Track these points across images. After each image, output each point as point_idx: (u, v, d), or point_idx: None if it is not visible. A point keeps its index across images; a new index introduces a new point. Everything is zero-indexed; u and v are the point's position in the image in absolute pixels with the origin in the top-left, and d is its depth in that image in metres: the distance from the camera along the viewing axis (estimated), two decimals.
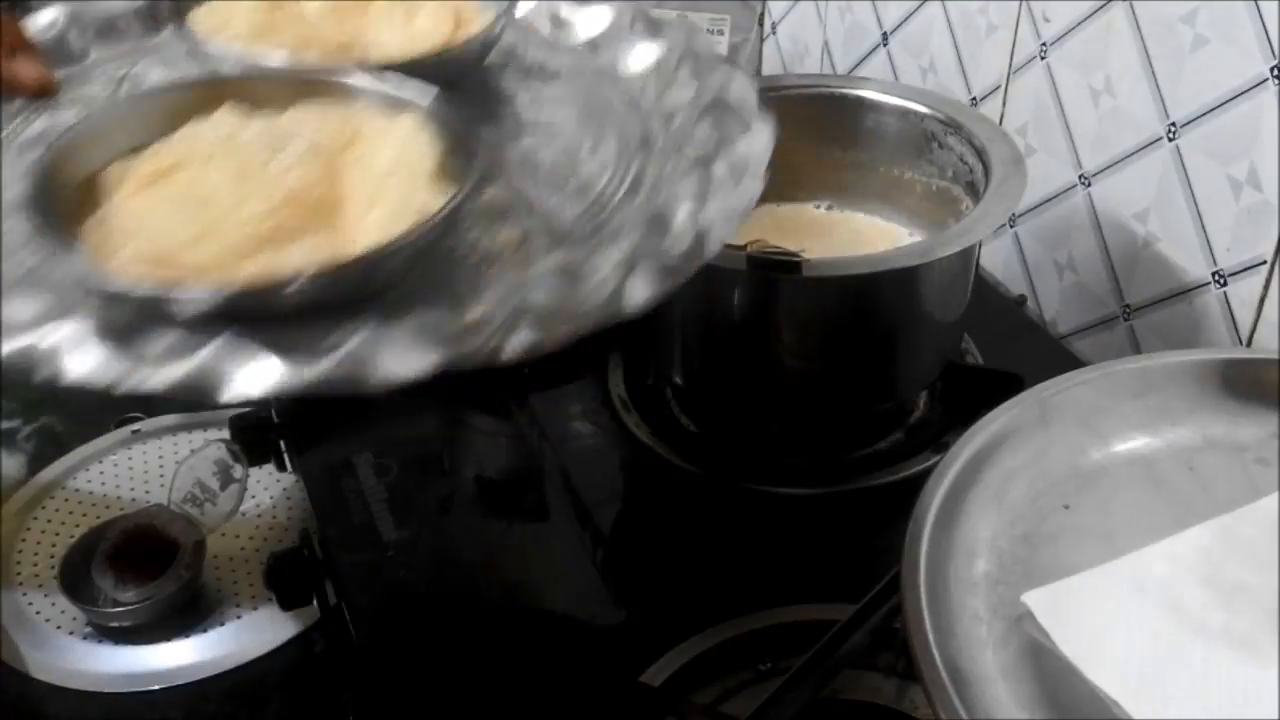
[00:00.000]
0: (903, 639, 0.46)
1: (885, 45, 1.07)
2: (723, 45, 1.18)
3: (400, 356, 0.43)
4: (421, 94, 0.54)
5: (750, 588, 0.65)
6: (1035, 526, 0.51)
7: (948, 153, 0.79)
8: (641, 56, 0.65)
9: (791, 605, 0.62)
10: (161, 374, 0.41)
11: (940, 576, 0.47)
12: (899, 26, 1.04)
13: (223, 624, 0.96)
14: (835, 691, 0.58)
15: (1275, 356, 0.57)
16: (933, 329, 0.73)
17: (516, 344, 0.44)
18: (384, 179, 0.49)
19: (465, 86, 0.60)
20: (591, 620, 0.66)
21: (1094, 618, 0.46)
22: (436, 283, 0.47)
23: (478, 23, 0.63)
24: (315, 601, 0.81)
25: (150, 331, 0.42)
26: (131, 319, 0.43)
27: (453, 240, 0.49)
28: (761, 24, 1.24)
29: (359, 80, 0.54)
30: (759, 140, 0.56)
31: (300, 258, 0.45)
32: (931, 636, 0.44)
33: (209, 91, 0.53)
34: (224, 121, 0.52)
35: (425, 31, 0.61)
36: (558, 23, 0.70)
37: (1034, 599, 0.47)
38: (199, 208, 0.47)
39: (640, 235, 0.50)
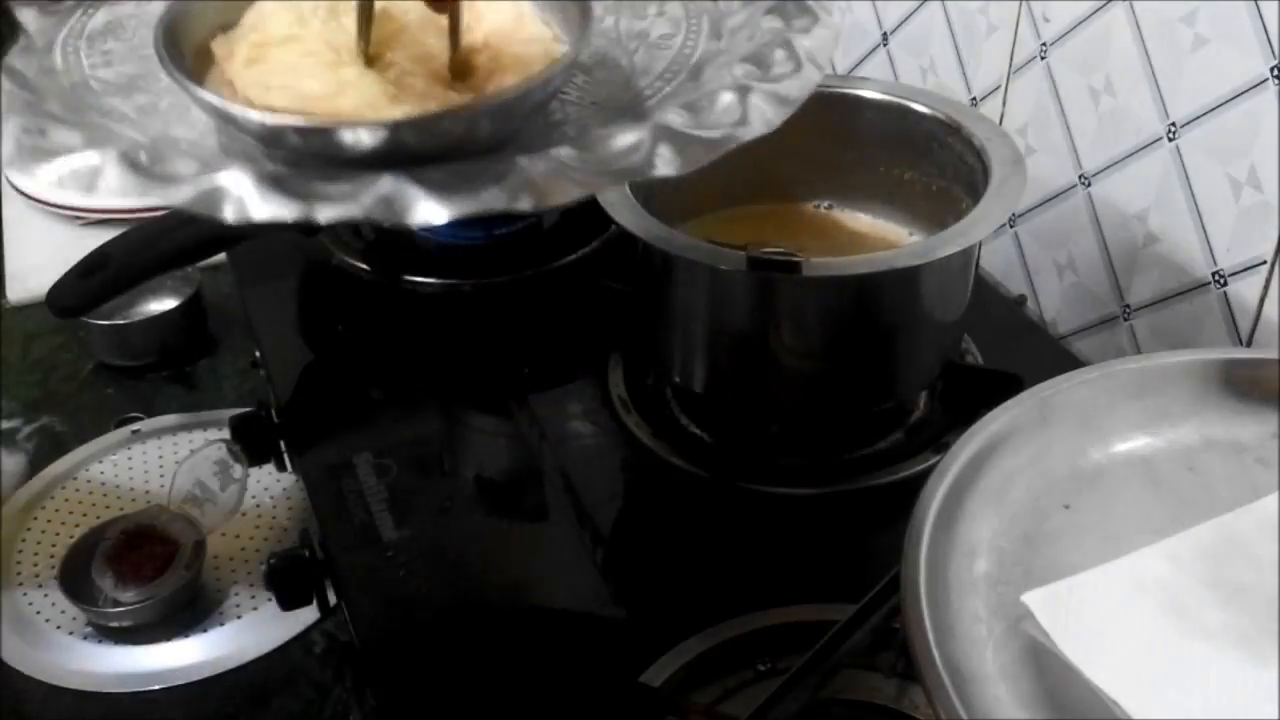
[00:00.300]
0: (903, 639, 0.46)
1: (885, 45, 1.07)
2: None
3: (565, 179, 0.44)
4: None
5: (750, 588, 0.65)
6: (1035, 526, 0.51)
7: (948, 153, 0.79)
8: None
9: (791, 605, 0.62)
10: (347, 207, 0.42)
11: (940, 576, 0.47)
12: (899, 26, 1.04)
13: (223, 624, 0.96)
14: (835, 691, 0.58)
15: (1275, 356, 0.57)
16: (933, 329, 0.73)
17: (665, 160, 0.45)
18: (496, 36, 0.51)
19: None
20: (591, 620, 0.66)
21: (1094, 618, 0.46)
22: (562, 124, 0.49)
23: None
24: (315, 601, 0.81)
25: (310, 178, 0.43)
26: (288, 167, 0.44)
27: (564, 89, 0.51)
28: None
29: None
30: None
31: (437, 106, 0.46)
32: (931, 636, 0.44)
33: None
34: None
35: None
36: None
37: (1034, 599, 0.47)
38: (326, 68, 0.48)
39: (744, 72, 0.51)
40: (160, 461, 1.12)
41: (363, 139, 0.43)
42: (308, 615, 0.90)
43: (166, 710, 0.91)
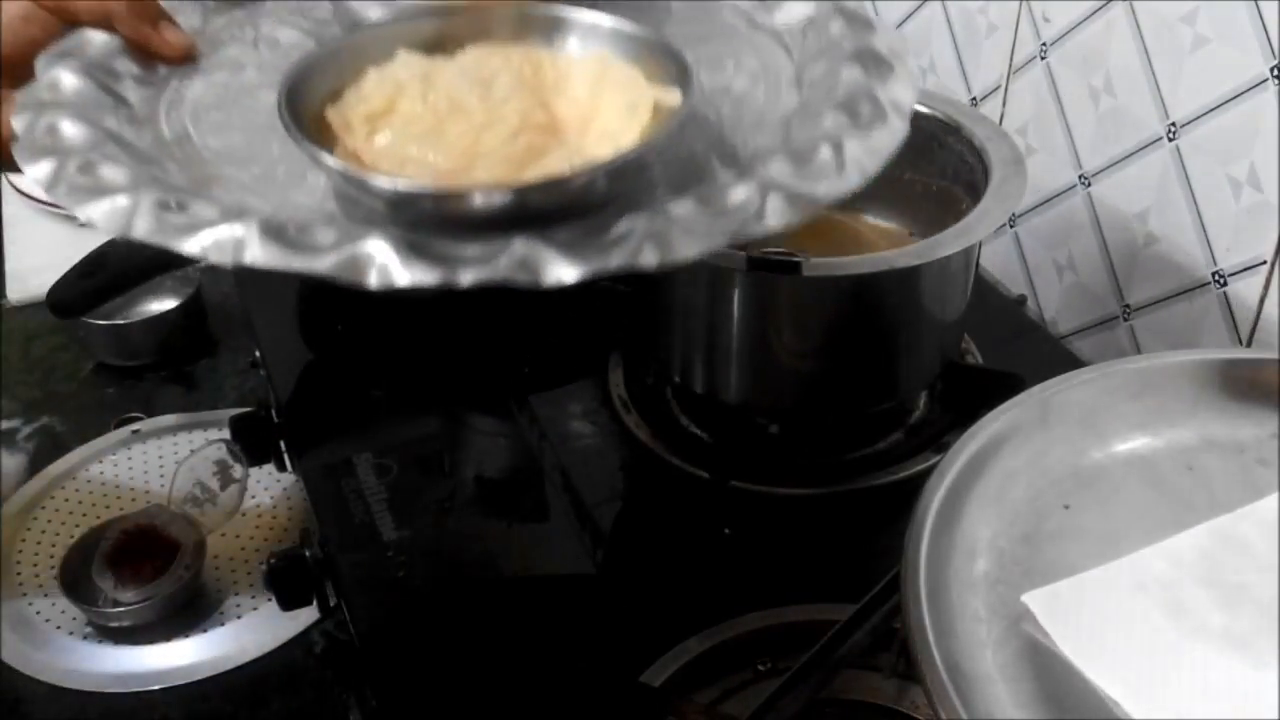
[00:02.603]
0: (903, 639, 0.46)
1: None
2: None
3: (685, 236, 0.45)
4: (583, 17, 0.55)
5: (750, 588, 0.65)
6: (1035, 526, 0.51)
7: (948, 153, 0.79)
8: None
9: (791, 605, 0.62)
10: (486, 269, 0.43)
11: (940, 576, 0.47)
12: (899, 26, 1.04)
13: (223, 624, 0.96)
14: (835, 691, 0.58)
15: (1275, 356, 0.57)
16: (933, 329, 0.73)
17: (776, 213, 0.47)
18: (593, 96, 0.52)
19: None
20: (591, 620, 0.66)
21: (1094, 618, 0.46)
22: (664, 180, 0.50)
23: None
24: (315, 601, 0.81)
25: (444, 242, 0.44)
26: (424, 232, 0.45)
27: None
28: None
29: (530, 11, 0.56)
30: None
31: (559, 167, 0.47)
32: (931, 636, 0.44)
33: (384, 34, 0.55)
34: (410, 64, 0.53)
35: None
36: None
37: (1034, 599, 0.47)
38: (445, 139, 0.49)
39: (834, 123, 0.51)
40: (160, 461, 1.12)
41: (493, 202, 0.45)
42: (308, 615, 0.90)
43: (166, 710, 0.91)
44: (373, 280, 0.43)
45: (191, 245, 0.44)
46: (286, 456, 0.89)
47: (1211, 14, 0.73)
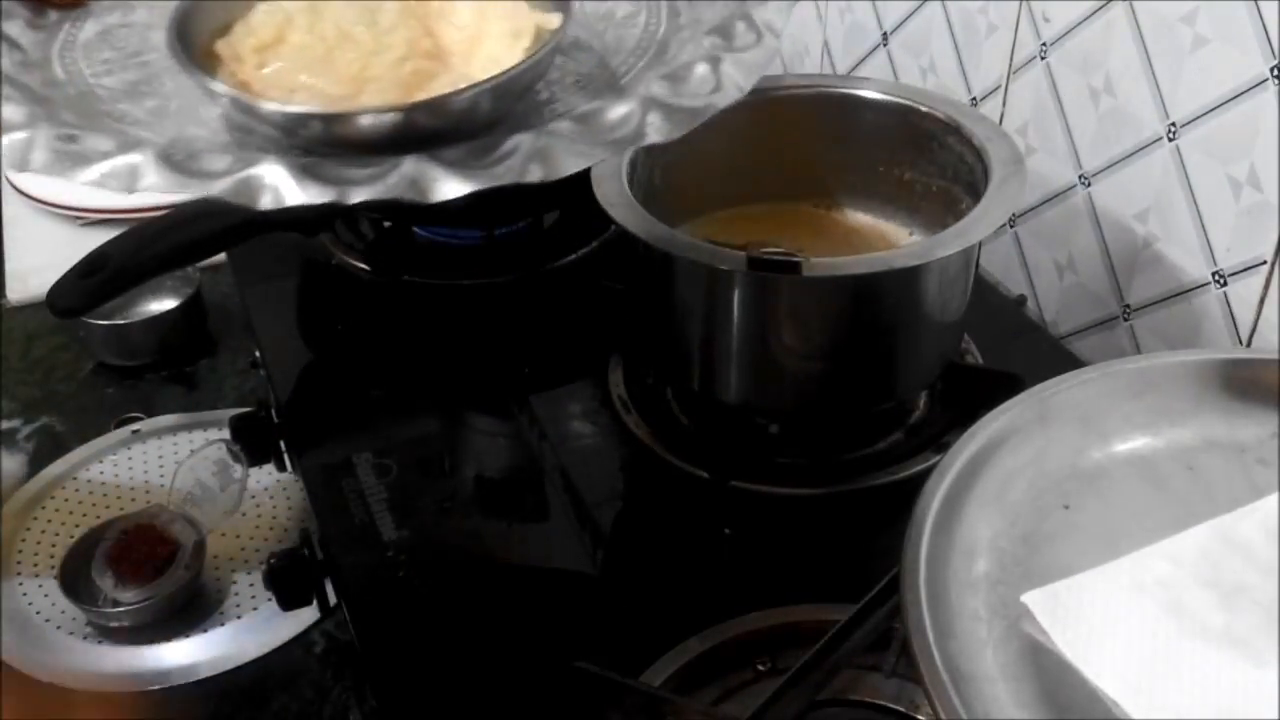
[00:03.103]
0: (903, 639, 0.46)
1: (885, 45, 1.07)
2: None
3: (568, 151, 0.47)
4: None
5: (750, 588, 0.65)
6: (1035, 526, 0.51)
7: (948, 153, 0.79)
8: None
9: (791, 605, 0.62)
10: (375, 188, 0.45)
11: (940, 576, 0.47)
12: (899, 26, 1.04)
13: (223, 624, 0.96)
14: (835, 691, 0.58)
15: (1275, 356, 0.57)
16: (933, 329, 0.73)
17: (655, 128, 0.49)
18: (478, 23, 0.54)
19: None
20: (591, 620, 0.66)
21: (1094, 618, 0.46)
22: (550, 103, 0.52)
23: None
24: (315, 601, 0.81)
25: (336, 165, 0.46)
26: (317, 155, 0.46)
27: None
28: None
29: None
30: None
31: (447, 88, 0.49)
32: (931, 636, 0.44)
33: None
34: None
35: None
36: None
37: (1034, 599, 0.47)
38: (334, 67, 0.51)
39: (711, 44, 0.53)
40: (160, 461, 1.12)
41: (381, 121, 0.46)
42: (308, 615, 0.90)
43: (166, 710, 0.91)
44: (265, 201, 0.44)
45: (89, 175, 0.46)
46: (286, 456, 0.89)
47: (1211, 14, 0.73)
